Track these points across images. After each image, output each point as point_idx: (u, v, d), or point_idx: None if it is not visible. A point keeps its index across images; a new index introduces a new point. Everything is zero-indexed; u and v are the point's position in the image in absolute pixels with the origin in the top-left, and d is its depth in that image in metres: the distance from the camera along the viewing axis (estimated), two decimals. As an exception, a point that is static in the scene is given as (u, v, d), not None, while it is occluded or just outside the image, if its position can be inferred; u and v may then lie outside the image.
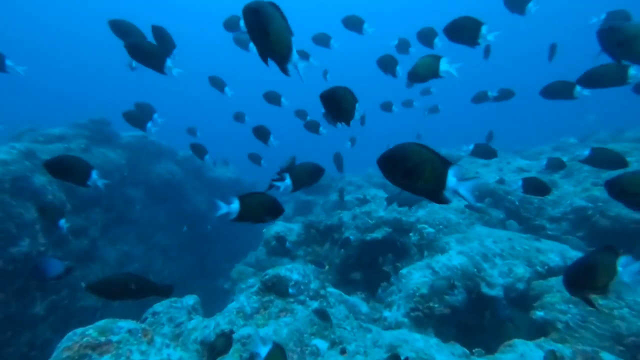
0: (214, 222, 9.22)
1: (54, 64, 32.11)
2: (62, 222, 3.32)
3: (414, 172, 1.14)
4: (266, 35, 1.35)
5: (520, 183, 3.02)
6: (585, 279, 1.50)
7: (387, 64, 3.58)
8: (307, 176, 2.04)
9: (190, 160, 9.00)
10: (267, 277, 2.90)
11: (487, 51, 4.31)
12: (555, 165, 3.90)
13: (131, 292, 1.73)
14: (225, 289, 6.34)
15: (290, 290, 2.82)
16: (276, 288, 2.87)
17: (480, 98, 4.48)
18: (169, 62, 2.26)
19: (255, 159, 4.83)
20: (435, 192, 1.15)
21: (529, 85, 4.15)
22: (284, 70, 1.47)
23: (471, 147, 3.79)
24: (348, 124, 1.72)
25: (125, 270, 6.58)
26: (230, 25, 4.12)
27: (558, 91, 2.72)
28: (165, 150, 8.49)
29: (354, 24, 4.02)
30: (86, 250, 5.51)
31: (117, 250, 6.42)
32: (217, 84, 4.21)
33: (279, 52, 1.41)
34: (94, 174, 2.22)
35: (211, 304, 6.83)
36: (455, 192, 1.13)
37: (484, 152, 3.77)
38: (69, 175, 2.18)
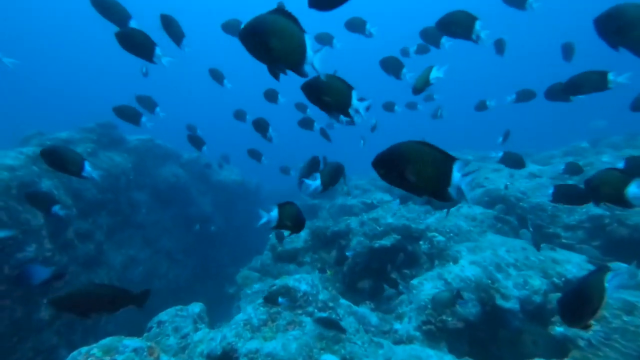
0: (219, 223, 9.20)
1: (57, 64, 32.41)
2: (57, 208, 3.22)
3: (413, 171, 1.07)
4: (269, 52, 1.28)
5: (551, 191, 2.55)
6: (582, 311, 1.42)
7: (389, 66, 3.51)
8: (331, 177, 2.05)
9: (195, 163, 9.00)
10: (275, 287, 2.82)
11: (500, 46, 4.09)
12: (573, 170, 3.75)
13: (101, 305, 1.57)
14: (230, 293, 6.29)
15: (280, 300, 2.75)
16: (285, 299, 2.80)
17: (480, 107, 4.56)
18: (158, 51, 2.25)
19: (255, 155, 4.77)
20: (440, 190, 1.08)
21: (533, 86, 3.99)
22: (301, 74, 1.39)
23: (500, 154, 3.63)
24: (346, 114, 1.54)
25: (129, 274, 6.56)
26: (229, 28, 4.07)
27: (557, 93, 2.64)
28: (171, 153, 8.49)
29: (356, 26, 3.96)
30: (92, 254, 5.49)
31: (122, 254, 6.41)
32: (217, 76, 4.22)
33: (289, 61, 1.33)
34: (87, 165, 2.24)
35: (216, 309, 6.79)
36: (459, 188, 1.07)
37: (513, 161, 3.58)
38: (63, 164, 2.21)
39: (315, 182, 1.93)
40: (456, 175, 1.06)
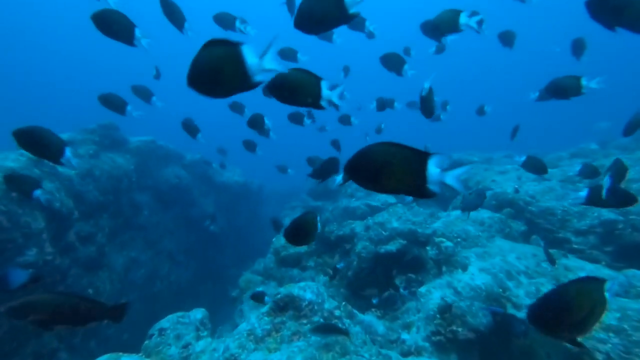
0: (221, 224, 9.13)
1: (58, 63, 32.39)
2: (38, 193, 3.08)
3: (381, 173, 1.07)
4: (210, 87, 1.22)
5: (584, 193, 2.30)
6: (556, 317, 1.24)
7: (391, 62, 3.43)
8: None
9: (197, 164, 8.94)
10: (279, 296, 2.74)
11: (508, 39, 3.92)
12: (590, 172, 3.63)
13: (66, 318, 1.35)
14: (232, 296, 6.22)
15: (266, 299, 2.69)
16: (289, 308, 2.72)
17: (479, 111, 4.67)
18: (137, 33, 2.14)
19: (249, 146, 4.66)
20: (417, 188, 1.05)
21: (535, 83, 3.88)
22: (252, 87, 1.26)
23: (523, 158, 3.50)
24: (318, 106, 1.46)
25: (131, 276, 6.51)
26: (221, 21, 3.96)
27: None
28: (173, 154, 8.44)
29: (356, 23, 3.89)
30: (93, 257, 5.44)
31: (124, 256, 6.36)
32: None
33: (230, 85, 1.23)
34: (68, 151, 2.09)
35: (219, 311, 6.73)
36: (442, 183, 1.04)
37: (535, 166, 3.44)
38: (41, 148, 2.03)
39: (338, 177, 1.95)
40: (434, 171, 1.02)
